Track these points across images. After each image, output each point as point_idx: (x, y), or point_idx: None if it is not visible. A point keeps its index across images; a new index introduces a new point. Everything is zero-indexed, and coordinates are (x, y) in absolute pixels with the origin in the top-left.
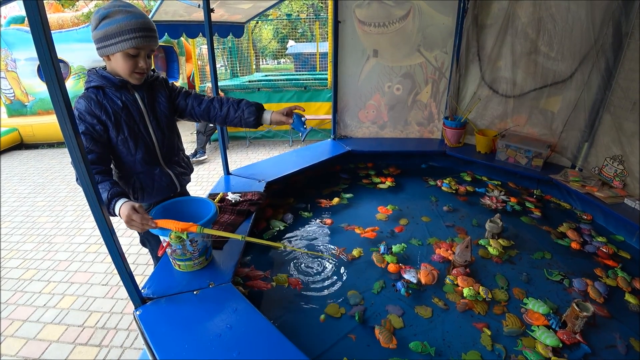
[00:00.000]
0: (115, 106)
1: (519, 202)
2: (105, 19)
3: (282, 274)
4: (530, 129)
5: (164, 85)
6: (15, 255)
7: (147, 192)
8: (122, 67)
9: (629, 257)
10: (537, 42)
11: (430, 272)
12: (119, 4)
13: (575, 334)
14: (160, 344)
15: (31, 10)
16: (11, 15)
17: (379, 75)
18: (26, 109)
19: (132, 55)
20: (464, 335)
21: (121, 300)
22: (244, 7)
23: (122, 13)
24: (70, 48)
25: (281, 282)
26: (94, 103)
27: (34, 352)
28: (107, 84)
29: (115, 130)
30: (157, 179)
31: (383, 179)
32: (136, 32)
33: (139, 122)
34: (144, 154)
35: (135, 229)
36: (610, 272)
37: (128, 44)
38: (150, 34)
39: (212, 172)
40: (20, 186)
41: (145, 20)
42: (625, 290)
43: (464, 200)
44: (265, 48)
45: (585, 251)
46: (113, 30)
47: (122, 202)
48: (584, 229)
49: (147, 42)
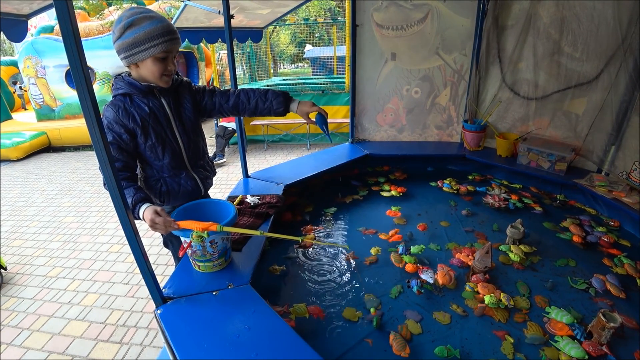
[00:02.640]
0: (143, 112)
1: (520, 199)
2: (130, 27)
3: (300, 303)
4: (553, 132)
5: (188, 88)
6: (43, 254)
7: (173, 195)
8: (153, 71)
9: (629, 245)
10: (560, 42)
11: (447, 272)
12: (140, 11)
13: (602, 345)
14: (180, 343)
15: (63, 20)
16: (41, 25)
17: (397, 79)
18: (54, 113)
19: (162, 59)
20: (483, 343)
21: (141, 299)
22: (262, 12)
23: (148, 19)
24: (96, 55)
25: (301, 313)
26: (122, 111)
27: (59, 347)
28: (135, 91)
29: (143, 137)
30: (183, 183)
31: (393, 187)
32: (164, 36)
33: (166, 128)
34: (171, 158)
35: (159, 231)
36: (617, 259)
37: (159, 49)
38: (176, 36)
39: (230, 175)
40: (48, 187)
41: (169, 23)
42: (635, 277)
43: (468, 200)
44: (283, 52)
45: (588, 242)
46: (142, 37)
47: (146, 207)
48: (584, 220)
49: (174, 44)
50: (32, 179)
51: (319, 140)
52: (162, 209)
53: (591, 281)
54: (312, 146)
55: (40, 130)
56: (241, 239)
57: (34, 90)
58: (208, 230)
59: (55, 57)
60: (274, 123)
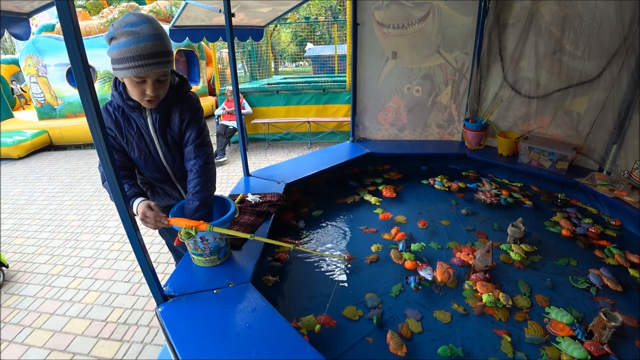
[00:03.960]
0: (129, 127)
1: (510, 195)
2: (112, 40)
3: (307, 315)
4: (555, 130)
5: (180, 113)
6: (44, 252)
7: (157, 199)
8: (132, 92)
9: (615, 235)
10: (562, 40)
11: (446, 270)
12: (128, 21)
13: (603, 345)
14: (181, 341)
15: (64, 18)
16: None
17: (398, 77)
18: (55, 112)
19: (139, 82)
20: (483, 342)
21: (142, 297)
22: (263, 11)
23: (126, 35)
24: (96, 54)
25: (311, 325)
26: (110, 120)
27: (60, 344)
28: (123, 103)
29: (127, 148)
30: (168, 192)
31: (385, 191)
32: (138, 59)
33: (149, 145)
34: (153, 172)
35: (149, 225)
36: (607, 250)
37: (130, 72)
38: (155, 60)
39: (231, 174)
40: (49, 185)
41: (151, 43)
42: (625, 266)
43: (461, 197)
44: (283, 51)
45: (578, 233)
46: (116, 56)
47: (140, 201)
48: (571, 213)
49: (150, 70)
50: (34, 178)
51: (320, 139)
52: (156, 204)
53: (589, 278)
54: (313, 145)
55: (42, 129)
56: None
57: (35, 89)
58: (197, 229)
59: (57, 55)
60: (275, 122)
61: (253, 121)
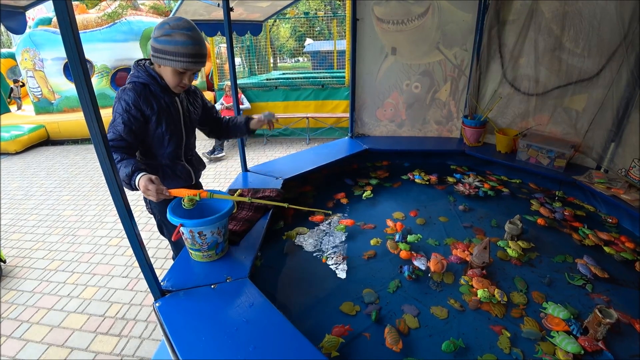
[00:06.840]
0: (159, 103)
1: (491, 188)
2: (167, 36)
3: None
4: (553, 128)
5: (201, 96)
6: (42, 247)
7: (167, 182)
8: (169, 79)
9: (585, 215)
10: (562, 38)
11: (440, 261)
12: (183, 25)
13: (598, 341)
14: (179, 336)
15: (61, 12)
16: (39, 17)
17: (397, 73)
18: (52, 106)
19: (180, 73)
20: (480, 338)
21: (140, 292)
22: (262, 5)
23: (185, 36)
24: (94, 48)
25: (334, 345)
26: (142, 98)
27: (58, 339)
28: (154, 83)
29: (156, 124)
30: (179, 172)
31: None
32: (189, 57)
33: (177, 120)
34: (173, 148)
35: (151, 197)
36: (581, 232)
37: (179, 65)
38: (201, 59)
39: (230, 169)
40: (46, 181)
41: (201, 47)
42: (600, 245)
43: (442, 189)
44: (283, 46)
45: (556, 219)
46: (170, 49)
47: (142, 174)
48: (540, 198)
49: (195, 66)
50: (31, 173)
51: (319, 134)
52: (157, 177)
53: (578, 269)
54: (311, 140)
55: (39, 124)
56: (239, 231)
57: (32, 83)
58: (202, 196)
59: (54, 49)
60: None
61: None
